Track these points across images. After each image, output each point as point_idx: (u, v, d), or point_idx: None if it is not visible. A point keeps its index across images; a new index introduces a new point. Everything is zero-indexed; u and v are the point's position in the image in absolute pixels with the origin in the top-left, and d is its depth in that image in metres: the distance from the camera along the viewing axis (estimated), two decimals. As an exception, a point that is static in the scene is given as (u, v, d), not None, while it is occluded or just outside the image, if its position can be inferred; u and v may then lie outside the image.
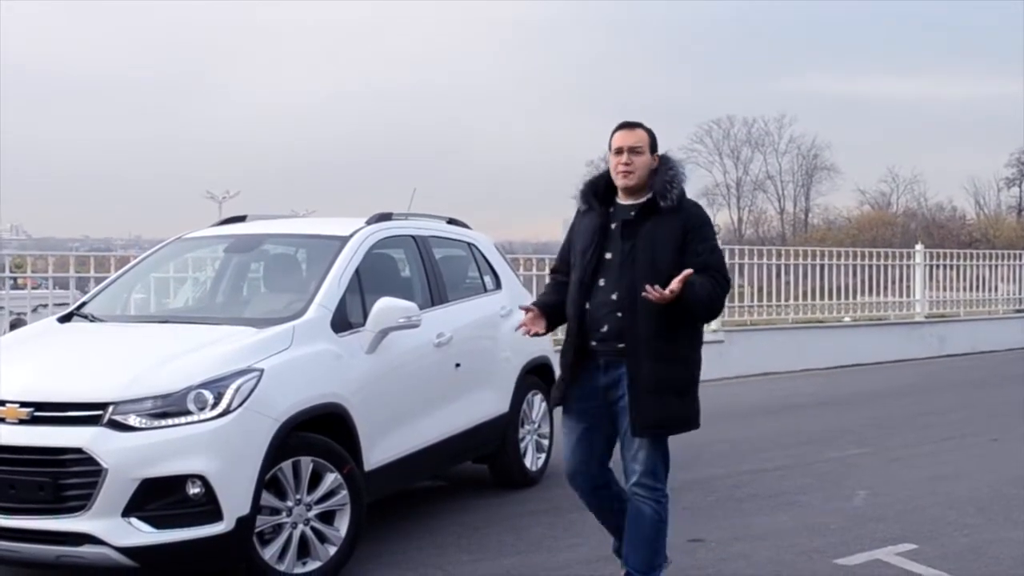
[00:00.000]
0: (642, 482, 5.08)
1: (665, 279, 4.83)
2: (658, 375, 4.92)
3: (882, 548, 6.38)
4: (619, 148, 5.08)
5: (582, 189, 5.24)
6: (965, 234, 52.00)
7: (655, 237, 4.97)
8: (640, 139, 5.09)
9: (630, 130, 5.12)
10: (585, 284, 5.07)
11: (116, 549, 5.04)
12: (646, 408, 4.93)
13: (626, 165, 5.05)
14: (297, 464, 5.55)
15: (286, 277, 6.96)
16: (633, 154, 5.05)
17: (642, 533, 5.14)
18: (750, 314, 16.85)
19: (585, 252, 5.10)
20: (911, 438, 10.28)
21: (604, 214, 5.13)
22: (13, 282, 11.55)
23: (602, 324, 5.02)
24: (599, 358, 5.06)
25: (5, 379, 5.46)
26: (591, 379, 5.10)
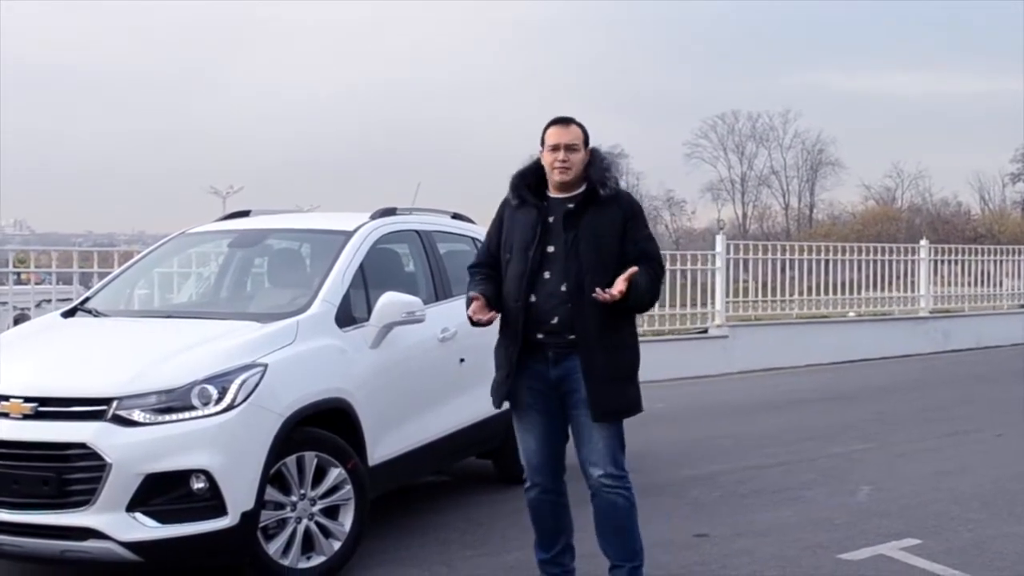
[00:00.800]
0: (609, 472, 5.09)
1: (611, 268, 4.94)
2: (611, 363, 4.99)
3: (886, 543, 6.38)
4: (555, 145, 5.09)
5: (513, 182, 5.23)
6: (970, 229, 51.93)
7: (597, 227, 5.03)
8: (576, 136, 5.12)
9: (565, 127, 5.14)
10: (528, 278, 5.03)
11: (120, 544, 5.04)
12: (604, 396, 4.98)
13: (563, 162, 5.07)
14: (301, 459, 5.56)
15: (290, 272, 6.96)
16: (569, 151, 5.07)
17: (618, 524, 5.17)
18: (754, 309, 16.84)
19: (527, 247, 5.06)
20: (915, 433, 10.28)
21: (541, 208, 5.12)
22: (16, 277, 11.56)
23: (551, 316, 5.01)
24: (548, 351, 5.05)
25: (9, 374, 5.47)
26: (541, 372, 5.09)
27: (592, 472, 5.10)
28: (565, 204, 5.09)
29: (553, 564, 5.32)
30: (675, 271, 16.00)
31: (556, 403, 5.11)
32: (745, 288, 16.98)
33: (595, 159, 5.14)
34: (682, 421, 11.30)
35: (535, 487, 5.26)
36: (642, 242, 5.08)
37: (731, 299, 16.34)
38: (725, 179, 74.70)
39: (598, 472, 5.08)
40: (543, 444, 5.19)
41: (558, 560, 5.32)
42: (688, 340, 15.59)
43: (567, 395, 5.07)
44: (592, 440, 5.07)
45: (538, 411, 5.15)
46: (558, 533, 5.31)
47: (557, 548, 5.31)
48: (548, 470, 5.23)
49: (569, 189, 5.11)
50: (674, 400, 12.78)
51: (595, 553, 5.38)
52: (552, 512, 5.28)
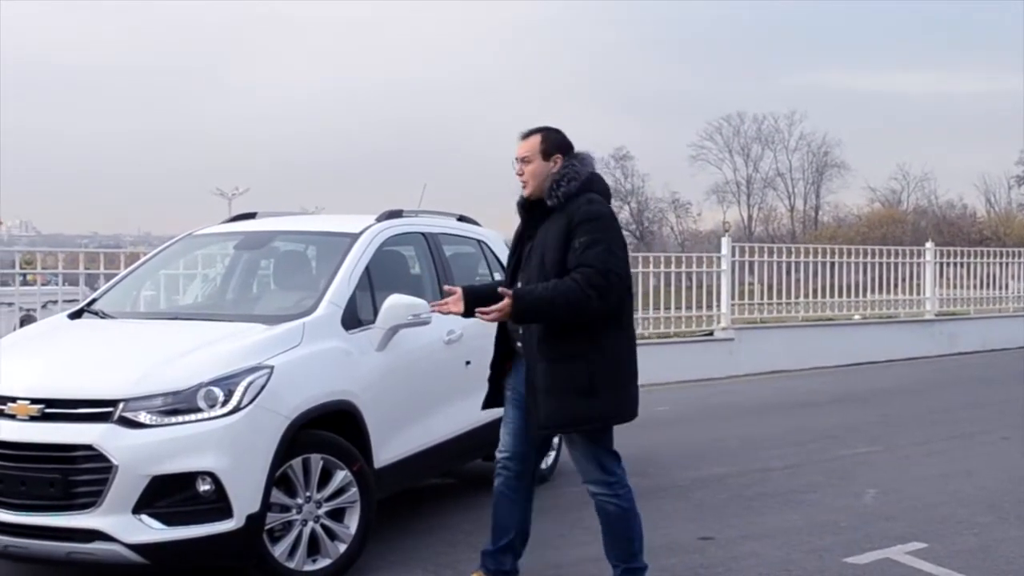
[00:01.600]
0: (593, 479, 5.19)
1: (551, 276, 4.98)
2: (550, 375, 4.98)
3: (892, 547, 6.37)
4: (515, 159, 5.25)
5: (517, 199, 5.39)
6: (976, 232, 51.84)
7: (545, 237, 5.10)
8: (529, 148, 5.20)
9: (523, 139, 5.27)
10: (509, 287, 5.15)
11: (126, 546, 5.04)
12: (544, 408, 5.02)
13: (519, 175, 5.23)
14: (307, 461, 5.56)
15: (296, 274, 6.95)
16: (523, 163, 5.20)
17: (613, 530, 5.25)
18: (760, 312, 16.83)
19: (509, 257, 5.39)
20: (921, 436, 10.27)
21: (525, 220, 5.31)
22: (23, 278, 11.57)
23: (516, 326, 5.18)
24: (519, 358, 5.26)
25: (16, 375, 5.48)
26: (518, 377, 5.28)
27: (584, 478, 5.24)
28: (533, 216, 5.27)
29: (492, 558, 5.46)
30: (680, 274, 16.01)
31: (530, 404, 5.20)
32: (751, 291, 16.98)
33: (560, 166, 5.16)
34: (687, 423, 11.30)
35: (499, 477, 5.45)
36: (580, 249, 4.95)
37: (736, 302, 16.33)
38: (730, 181, 74.61)
39: (584, 480, 5.23)
40: (514, 439, 5.36)
41: (498, 556, 5.45)
42: (694, 343, 15.59)
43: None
44: (574, 450, 5.21)
45: (516, 409, 5.33)
46: (506, 528, 5.44)
47: (501, 543, 5.44)
48: (514, 465, 5.38)
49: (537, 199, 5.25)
50: (679, 403, 12.79)
51: (600, 557, 5.40)
52: (505, 507, 5.43)
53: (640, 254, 16.74)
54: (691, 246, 61.25)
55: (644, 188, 72.19)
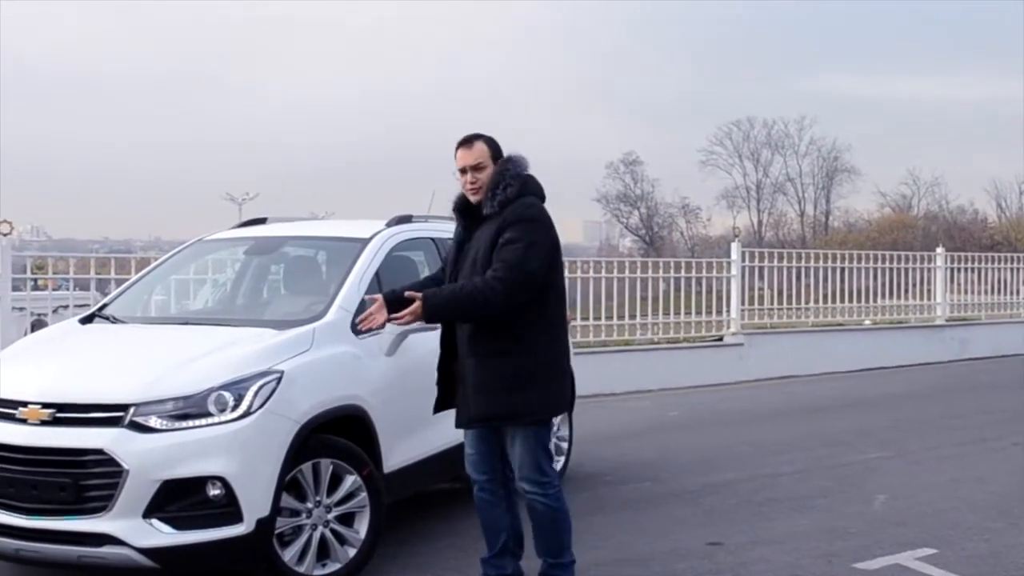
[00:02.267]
0: (525, 476, 5.28)
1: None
2: (482, 371, 5.17)
3: (902, 552, 6.36)
4: (462, 168, 5.30)
5: (454, 202, 5.49)
6: (987, 237, 51.78)
7: (480, 242, 5.24)
8: (480, 155, 5.28)
9: (469, 148, 5.31)
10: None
11: (137, 550, 5.06)
12: (470, 403, 5.22)
13: (472, 183, 5.28)
14: (317, 466, 5.57)
15: (306, 279, 6.97)
16: (476, 171, 5.27)
17: (539, 526, 5.37)
18: (770, 317, 16.80)
19: (446, 263, 5.55)
20: (931, 442, 10.24)
21: (464, 226, 5.41)
22: (34, 283, 11.60)
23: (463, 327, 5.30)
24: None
25: (27, 380, 5.51)
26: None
27: (517, 476, 5.33)
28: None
29: (490, 565, 5.51)
30: (690, 279, 16.01)
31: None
32: (760, 296, 16.95)
33: (496, 172, 5.27)
34: (697, 429, 11.29)
35: (475, 485, 5.51)
36: (499, 247, 5.12)
37: (746, 307, 16.31)
38: (740, 186, 74.53)
39: (517, 476, 5.33)
40: (479, 442, 5.43)
41: (497, 562, 5.50)
42: (703, 348, 15.57)
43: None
44: (512, 447, 5.30)
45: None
46: (496, 532, 5.49)
47: (496, 548, 5.50)
48: (485, 469, 5.44)
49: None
50: (689, 408, 12.78)
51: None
52: (489, 511, 5.48)
53: (650, 259, 16.74)
54: (701, 251, 61.20)
55: (654, 193, 72.25)
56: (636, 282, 15.20)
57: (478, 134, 5.35)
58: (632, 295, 15.11)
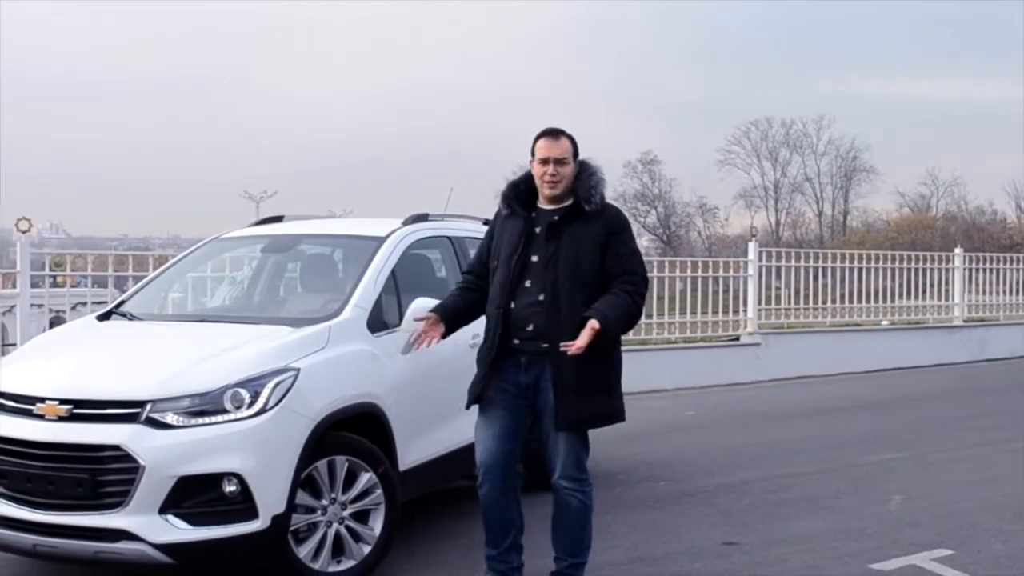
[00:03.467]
0: (568, 475, 5.28)
1: (588, 282, 5.14)
2: (580, 374, 5.11)
3: (918, 553, 6.35)
4: (544, 159, 5.23)
5: (504, 192, 5.39)
6: (1006, 238, 51.55)
7: (578, 239, 5.18)
8: (565, 150, 5.25)
9: (555, 140, 5.27)
10: (510, 285, 5.23)
11: (153, 546, 5.09)
12: (570, 406, 5.15)
13: (552, 176, 5.22)
14: (332, 463, 5.59)
15: (322, 277, 6.99)
16: (559, 165, 5.22)
17: (569, 523, 5.37)
18: (787, 317, 16.76)
19: (511, 256, 5.26)
20: (948, 443, 10.21)
21: (528, 219, 5.30)
22: (52, 280, 11.65)
23: (527, 323, 5.20)
24: (521, 356, 5.25)
25: (45, 376, 5.54)
26: (512, 376, 5.28)
27: (553, 472, 5.31)
28: (552, 216, 5.26)
29: (499, 560, 5.45)
30: (707, 278, 15.98)
31: (523, 406, 5.30)
32: (778, 295, 16.91)
33: (583, 172, 5.28)
34: (713, 429, 11.28)
35: (485, 483, 5.40)
36: (625, 256, 5.22)
37: (763, 306, 16.27)
38: (758, 186, 74.16)
39: (558, 473, 5.29)
40: (499, 443, 5.33)
41: (504, 557, 5.45)
42: (720, 348, 15.55)
43: (535, 400, 5.27)
44: (556, 444, 5.26)
45: (502, 410, 5.32)
46: (506, 530, 5.44)
47: (505, 544, 5.44)
48: (500, 468, 5.36)
49: (558, 201, 5.28)
50: (705, 408, 12.77)
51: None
52: (500, 510, 5.41)
53: (667, 258, 16.72)
54: (718, 251, 61.10)
55: (671, 192, 71.94)
56: (653, 281, 15.17)
57: (563, 129, 5.32)
58: (649, 294, 15.06)
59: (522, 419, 5.34)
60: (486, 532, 5.48)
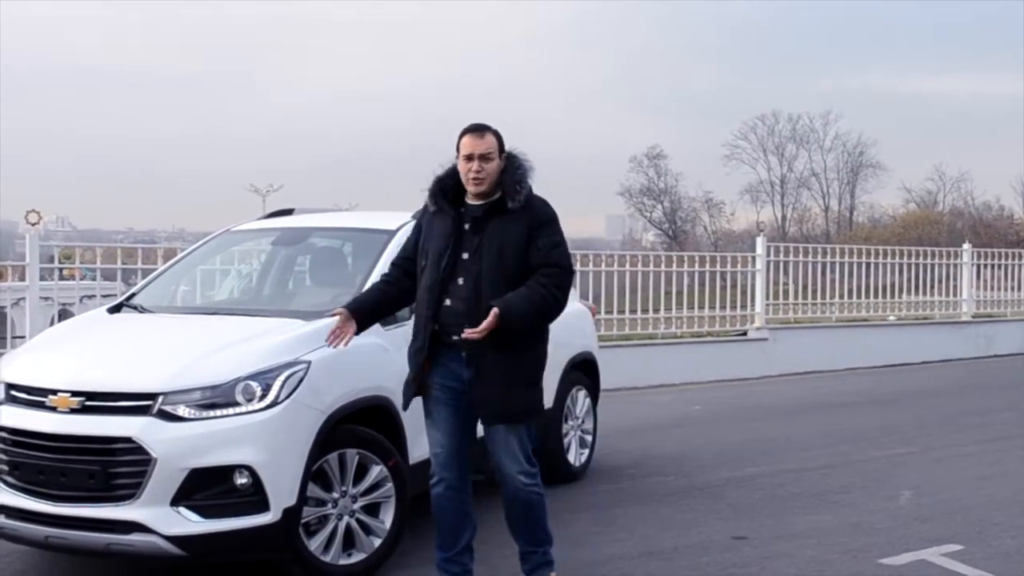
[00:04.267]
0: (524, 470, 5.25)
1: (512, 277, 5.07)
2: (506, 368, 5.08)
3: (927, 548, 6.34)
4: (469, 155, 5.16)
5: (431, 189, 5.31)
6: (1013, 233, 51.41)
7: (502, 234, 5.12)
8: (490, 145, 5.18)
9: (479, 136, 5.19)
10: (441, 283, 5.15)
11: (164, 537, 5.10)
12: (496, 400, 5.11)
13: (477, 172, 5.15)
14: (343, 456, 5.60)
15: (333, 270, 7.00)
16: (483, 161, 5.15)
17: (532, 517, 5.35)
18: (794, 312, 16.76)
19: (441, 254, 5.18)
20: (957, 438, 10.21)
21: (457, 216, 5.23)
22: (60, 273, 11.67)
23: (462, 319, 5.10)
24: (462, 351, 5.15)
25: (57, 368, 5.56)
26: (455, 371, 5.20)
27: (507, 470, 5.24)
28: (478, 211, 5.21)
29: (452, 563, 5.38)
30: (715, 273, 15.97)
31: (467, 401, 5.21)
32: (785, 291, 16.90)
33: (510, 167, 5.21)
34: (721, 423, 11.28)
35: (440, 483, 5.32)
36: (544, 250, 5.13)
37: (771, 301, 16.27)
38: (764, 181, 74.09)
39: (513, 470, 5.23)
40: (450, 439, 5.27)
41: (458, 559, 5.39)
42: (727, 342, 15.56)
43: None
44: (503, 440, 5.21)
45: (448, 407, 5.24)
46: (460, 531, 5.38)
47: (459, 547, 5.38)
48: (454, 466, 5.30)
49: (486, 196, 5.22)
50: (713, 402, 12.77)
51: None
52: (455, 509, 5.34)
53: (674, 253, 16.72)
54: (724, 246, 60.97)
55: (677, 187, 71.92)
56: (660, 276, 15.17)
57: (488, 125, 5.25)
58: (656, 289, 15.09)
59: (468, 415, 5.27)
60: (438, 534, 5.39)
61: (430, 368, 5.25)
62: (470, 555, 5.43)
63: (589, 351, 8.31)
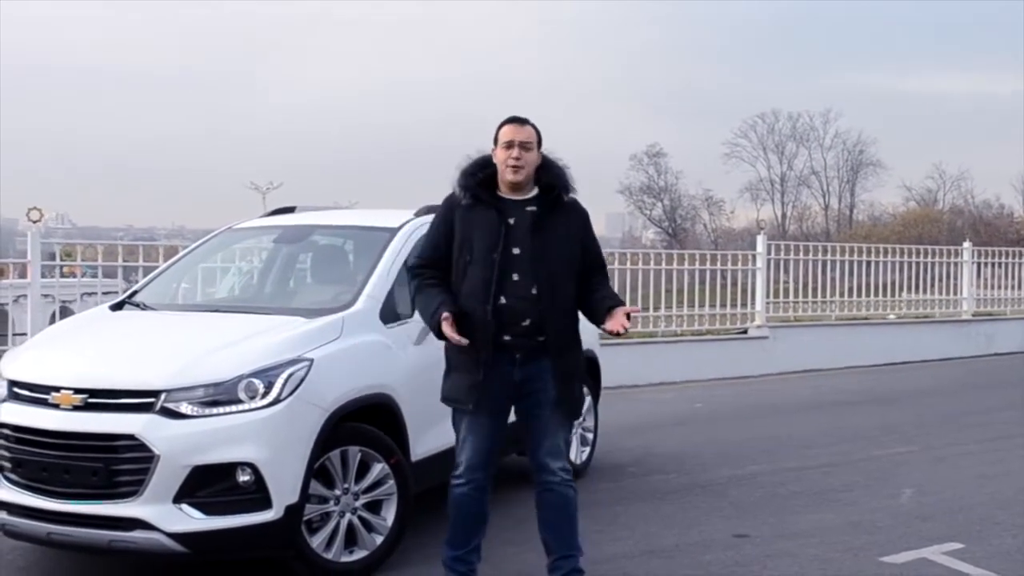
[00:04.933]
0: (562, 466, 5.24)
1: (574, 272, 5.17)
2: (574, 364, 5.25)
3: (929, 547, 6.35)
4: (510, 142, 5.10)
5: (463, 181, 5.18)
6: (1013, 232, 51.41)
7: (562, 232, 5.15)
8: (530, 135, 5.15)
9: (520, 125, 5.15)
10: (494, 280, 5.02)
11: (167, 535, 5.10)
12: (572, 395, 5.22)
13: (516, 160, 5.08)
14: (345, 453, 5.61)
15: (335, 268, 7.00)
16: (523, 149, 5.10)
17: (568, 515, 5.28)
18: (795, 310, 16.76)
19: (492, 249, 5.04)
20: (958, 437, 10.21)
21: (499, 209, 5.12)
22: (60, 270, 11.67)
23: (523, 318, 5.04)
24: (515, 352, 5.08)
25: (60, 366, 5.56)
26: (505, 374, 5.09)
27: (553, 466, 5.20)
28: (524, 206, 5.13)
29: (461, 561, 5.34)
30: (715, 271, 15.97)
31: (507, 406, 5.22)
32: (785, 289, 16.90)
33: (549, 163, 5.21)
34: (722, 421, 11.28)
35: (469, 483, 5.25)
36: (595, 252, 5.33)
37: (771, 300, 16.27)
38: (764, 179, 74.02)
39: (558, 465, 5.20)
40: (487, 443, 5.22)
41: (467, 558, 5.35)
42: (728, 340, 15.55)
43: (531, 395, 5.14)
44: (556, 436, 5.21)
45: (490, 411, 5.16)
46: (476, 531, 5.36)
47: (471, 546, 5.35)
48: (485, 468, 5.26)
49: (519, 191, 5.16)
50: (714, 400, 12.77)
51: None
52: (477, 509, 5.31)
53: (675, 251, 16.70)
54: (724, 244, 60.93)
55: (677, 185, 71.83)
56: (660, 274, 15.17)
57: (526, 117, 5.21)
58: (656, 287, 15.09)
59: (506, 419, 5.27)
60: (452, 532, 5.33)
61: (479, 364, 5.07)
62: (477, 554, 5.41)
63: (590, 349, 8.28)
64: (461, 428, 5.26)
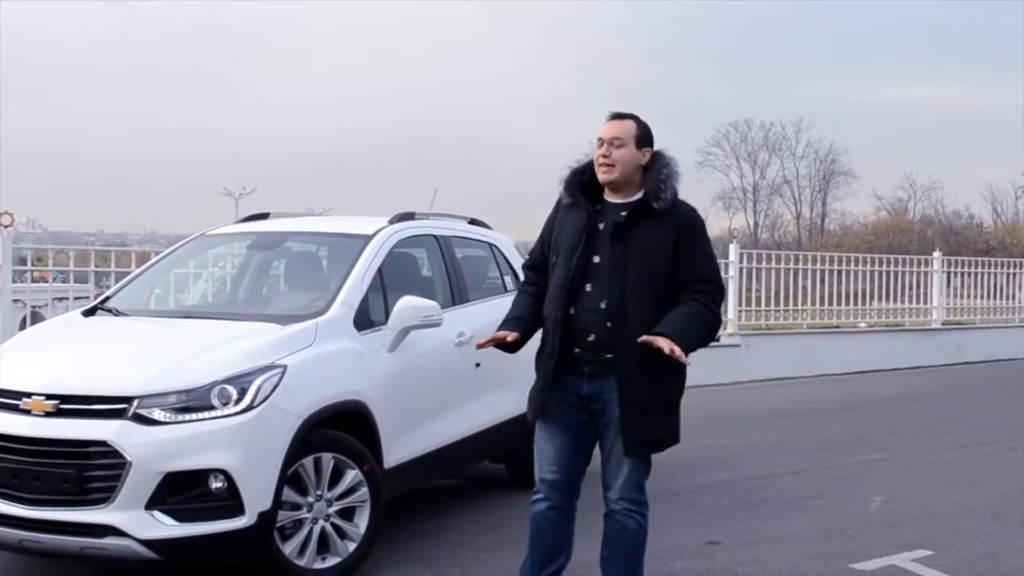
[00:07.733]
0: (629, 496, 4.82)
1: (659, 289, 4.64)
2: (649, 391, 4.66)
3: (898, 554, 6.40)
4: (601, 139, 4.74)
5: (567, 180, 4.85)
6: (982, 242, 51.79)
7: (648, 242, 4.65)
8: (624, 131, 4.75)
9: (617, 121, 4.78)
10: (571, 287, 4.70)
11: (139, 541, 5.08)
12: (637, 427, 4.66)
13: (605, 157, 4.70)
14: (318, 460, 5.60)
15: (309, 274, 7.00)
16: (612, 146, 4.71)
17: (626, 547, 4.89)
18: (766, 319, 16.84)
19: (572, 253, 4.71)
20: (927, 444, 10.29)
21: (591, 212, 4.75)
22: (31, 275, 11.61)
23: (589, 332, 4.67)
24: (583, 366, 4.72)
25: (31, 371, 5.53)
26: (573, 386, 4.77)
27: (612, 492, 4.84)
28: (618, 212, 4.72)
29: None
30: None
31: (586, 420, 4.80)
32: (757, 298, 16.98)
33: (655, 164, 4.77)
34: (693, 429, 11.19)
35: (545, 501, 4.92)
36: (698, 263, 4.71)
37: (743, 308, 16.35)
38: (737, 188, 74.52)
39: (618, 494, 4.82)
40: (564, 459, 4.85)
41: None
42: (699, 349, 15.55)
43: (597, 414, 4.75)
44: (620, 464, 4.79)
45: (565, 425, 4.81)
46: (556, 553, 4.98)
47: (552, 568, 4.98)
48: (564, 487, 4.90)
49: (623, 193, 4.76)
50: (686, 408, 12.63)
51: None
52: (555, 530, 4.95)
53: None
54: (697, 252, 60.96)
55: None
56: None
57: (633, 113, 4.82)
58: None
59: (587, 435, 4.83)
60: (532, 553, 4.97)
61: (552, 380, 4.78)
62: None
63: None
64: (535, 440, 4.96)
